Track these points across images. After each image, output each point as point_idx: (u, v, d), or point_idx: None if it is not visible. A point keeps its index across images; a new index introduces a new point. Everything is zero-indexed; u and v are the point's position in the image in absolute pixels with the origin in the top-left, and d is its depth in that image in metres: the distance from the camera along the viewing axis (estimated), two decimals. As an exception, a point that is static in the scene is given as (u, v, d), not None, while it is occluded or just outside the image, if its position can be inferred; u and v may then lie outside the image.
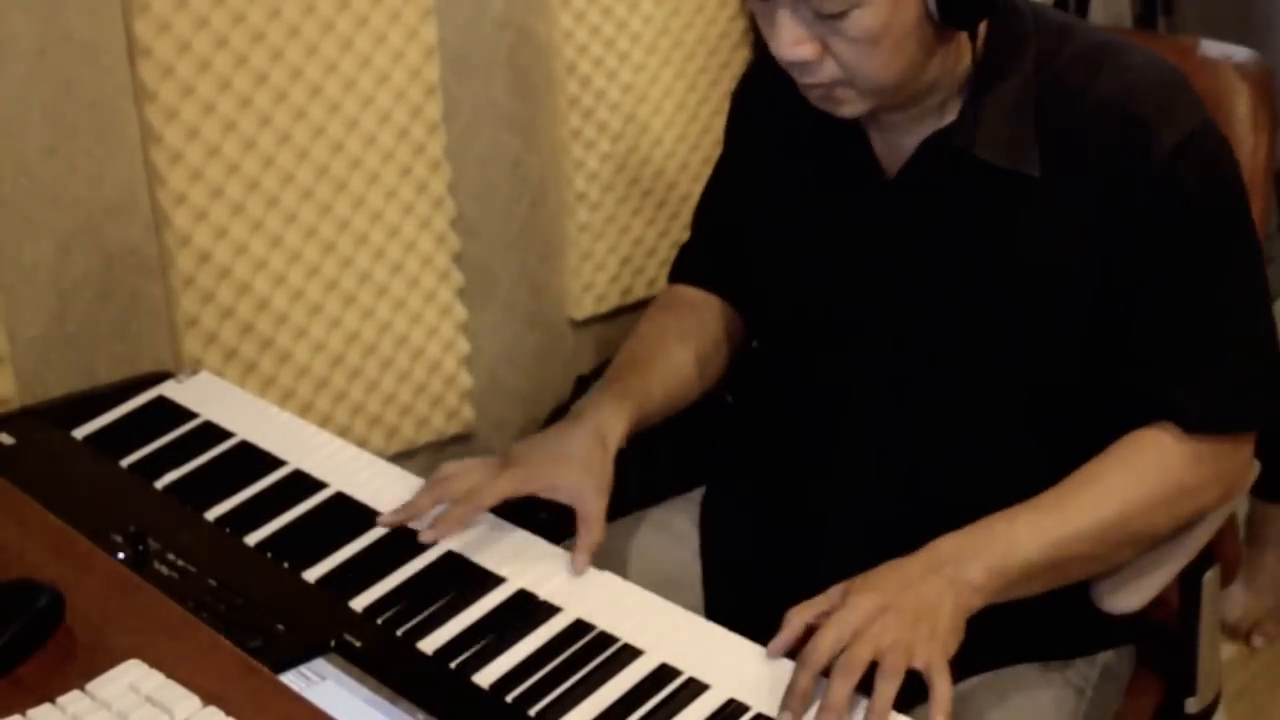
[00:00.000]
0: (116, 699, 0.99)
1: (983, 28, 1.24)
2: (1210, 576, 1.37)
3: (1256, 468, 1.34)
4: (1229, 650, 2.26)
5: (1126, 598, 1.25)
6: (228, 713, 0.97)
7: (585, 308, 2.24)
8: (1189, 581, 1.36)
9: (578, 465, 1.27)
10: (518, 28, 2.06)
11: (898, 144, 1.29)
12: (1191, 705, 1.39)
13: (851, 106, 1.23)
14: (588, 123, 2.15)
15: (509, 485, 1.25)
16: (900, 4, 1.16)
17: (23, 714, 0.98)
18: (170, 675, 1.01)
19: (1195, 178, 1.22)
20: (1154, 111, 1.22)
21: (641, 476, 1.41)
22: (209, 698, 0.98)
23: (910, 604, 1.12)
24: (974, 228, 1.26)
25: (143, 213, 1.75)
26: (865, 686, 1.06)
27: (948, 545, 1.18)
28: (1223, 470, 1.27)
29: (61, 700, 0.99)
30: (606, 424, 1.32)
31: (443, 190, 1.97)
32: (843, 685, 1.05)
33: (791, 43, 1.18)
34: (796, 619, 1.12)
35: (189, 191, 1.74)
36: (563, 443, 1.30)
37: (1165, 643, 1.41)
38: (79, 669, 1.02)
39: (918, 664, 1.08)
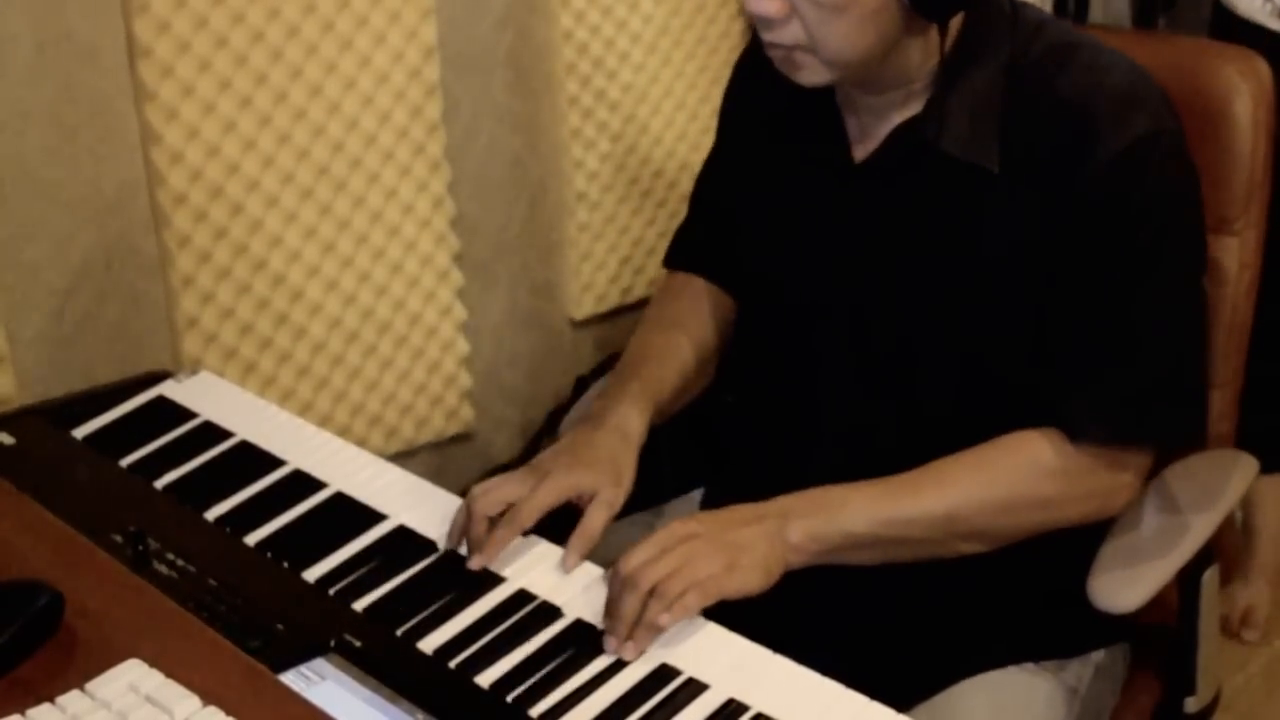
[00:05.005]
0: (116, 699, 0.99)
1: (958, 20, 1.25)
2: (1210, 575, 1.37)
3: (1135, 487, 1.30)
4: (1228, 650, 2.26)
5: (1124, 596, 1.25)
6: (228, 713, 0.97)
7: (585, 308, 2.24)
8: (1188, 580, 1.36)
9: (607, 469, 1.27)
10: (518, 28, 2.06)
11: (870, 130, 1.30)
12: (1191, 705, 1.39)
13: (809, 74, 1.23)
14: (588, 123, 2.15)
15: (547, 498, 1.24)
16: None
17: (22, 714, 0.98)
18: (170, 675, 1.00)
19: (1134, 184, 1.21)
20: (1107, 113, 1.21)
21: (641, 477, 1.41)
22: (209, 698, 0.98)
23: (718, 539, 1.18)
24: (935, 218, 1.27)
25: (143, 213, 1.75)
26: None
27: (782, 501, 1.23)
28: (1098, 486, 1.27)
29: (61, 700, 0.99)
30: (627, 422, 1.33)
31: (443, 190, 1.97)
32: (630, 599, 1.12)
33: None
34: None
35: (189, 191, 1.74)
36: (589, 447, 1.29)
37: (1164, 642, 1.41)
38: (79, 669, 1.02)
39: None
